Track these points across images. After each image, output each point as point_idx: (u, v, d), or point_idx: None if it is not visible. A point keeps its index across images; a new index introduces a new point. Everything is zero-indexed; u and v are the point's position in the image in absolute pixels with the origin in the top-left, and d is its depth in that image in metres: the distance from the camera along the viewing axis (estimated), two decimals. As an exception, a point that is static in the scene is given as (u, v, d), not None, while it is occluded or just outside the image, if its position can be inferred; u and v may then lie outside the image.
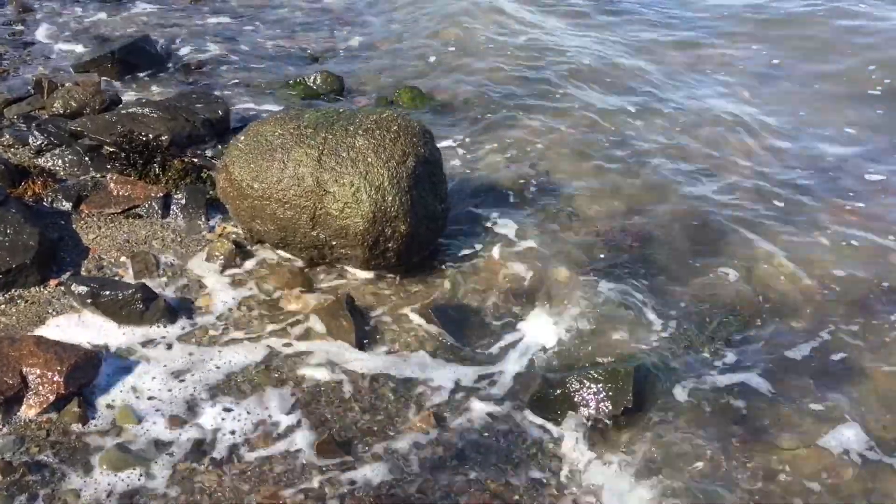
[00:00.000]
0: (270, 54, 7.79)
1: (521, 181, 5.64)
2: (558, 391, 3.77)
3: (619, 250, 4.90)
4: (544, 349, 4.10)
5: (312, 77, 7.10)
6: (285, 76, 7.30)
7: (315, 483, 3.26)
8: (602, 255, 4.85)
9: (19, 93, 6.44)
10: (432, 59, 7.97)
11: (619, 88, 7.30)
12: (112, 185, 5.04)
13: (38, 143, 5.47)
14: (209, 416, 3.54)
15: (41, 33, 7.93)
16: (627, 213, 5.28)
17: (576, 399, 3.72)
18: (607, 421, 3.66)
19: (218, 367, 3.82)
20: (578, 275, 4.64)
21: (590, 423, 3.66)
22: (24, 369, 3.48)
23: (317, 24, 8.88)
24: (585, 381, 3.74)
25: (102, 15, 8.54)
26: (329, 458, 3.38)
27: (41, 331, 3.89)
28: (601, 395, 3.70)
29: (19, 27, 8.02)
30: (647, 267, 4.77)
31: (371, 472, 3.34)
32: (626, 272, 4.70)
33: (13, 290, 4.15)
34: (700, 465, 3.45)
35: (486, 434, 3.59)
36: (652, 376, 3.85)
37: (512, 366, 3.99)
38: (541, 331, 4.22)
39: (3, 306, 4.06)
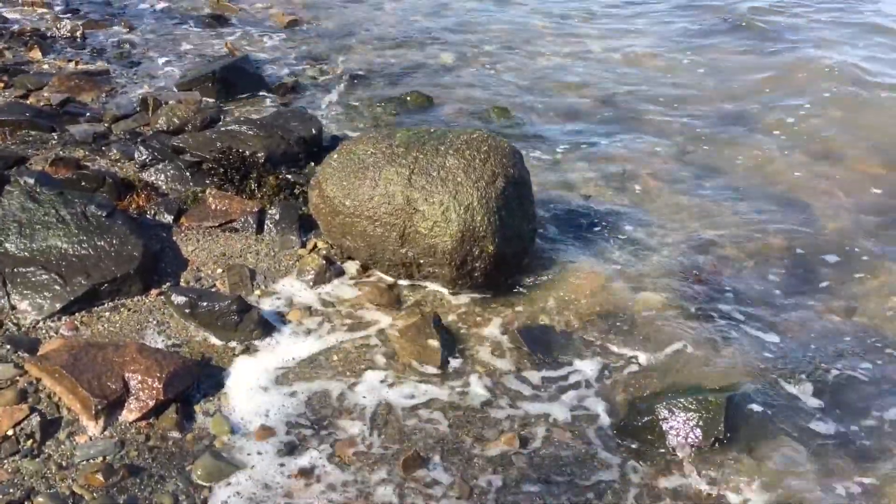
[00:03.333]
0: (362, 74, 7.96)
1: (611, 204, 5.59)
2: (646, 418, 3.70)
3: (710, 279, 4.79)
4: (631, 374, 4.03)
5: (403, 95, 7.23)
6: (377, 95, 7.44)
7: (399, 498, 3.29)
8: (690, 283, 4.75)
9: (126, 110, 6.76)
10: (525, 80, 8.02)
11: (714, 114, 7.16)
12: (210, 199, 5.23)
13: (143, 157, 5.70)
14: (298, 429, 3.61)
15: (146, 53, 8.31)
16: (719, 242, 5.16)
17: (664, 427, 3.64)
18: (696, 451, 3.57)
19: (308, 380, 3.91)
20: (666, 301, 4.55)
21: (677, 453, 3.57)
22: (127, 375, 3.63)
23: (408, 42, 9.06)
24: (675, 409, 3.65)
25: (204, 35, 8.92)
26: (414, 473, 3.40)
27: (142, 338, 4.06)
28: (691, 425, 3.60)
29: (127, 47, 8.42)
30: (739, 297, 4.65)
31: (453, 490, 3.34)
32: (716, 301, 4.59)
33: (117, 299, 4.35)
34: None
35: (570, 458, 3.55)
36: (745, 408, 3.73)
37: (598, 390, 3.94)
38: (627, 356, 4.16)
39: (107, 314, 4.25)
